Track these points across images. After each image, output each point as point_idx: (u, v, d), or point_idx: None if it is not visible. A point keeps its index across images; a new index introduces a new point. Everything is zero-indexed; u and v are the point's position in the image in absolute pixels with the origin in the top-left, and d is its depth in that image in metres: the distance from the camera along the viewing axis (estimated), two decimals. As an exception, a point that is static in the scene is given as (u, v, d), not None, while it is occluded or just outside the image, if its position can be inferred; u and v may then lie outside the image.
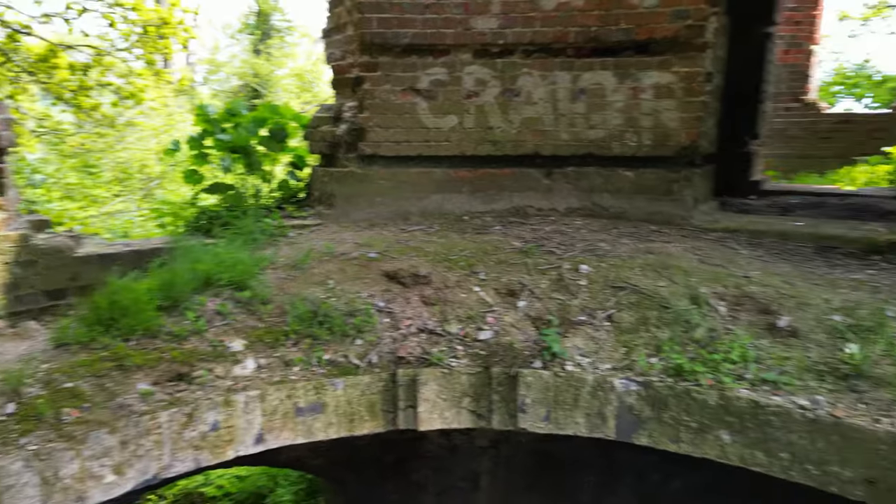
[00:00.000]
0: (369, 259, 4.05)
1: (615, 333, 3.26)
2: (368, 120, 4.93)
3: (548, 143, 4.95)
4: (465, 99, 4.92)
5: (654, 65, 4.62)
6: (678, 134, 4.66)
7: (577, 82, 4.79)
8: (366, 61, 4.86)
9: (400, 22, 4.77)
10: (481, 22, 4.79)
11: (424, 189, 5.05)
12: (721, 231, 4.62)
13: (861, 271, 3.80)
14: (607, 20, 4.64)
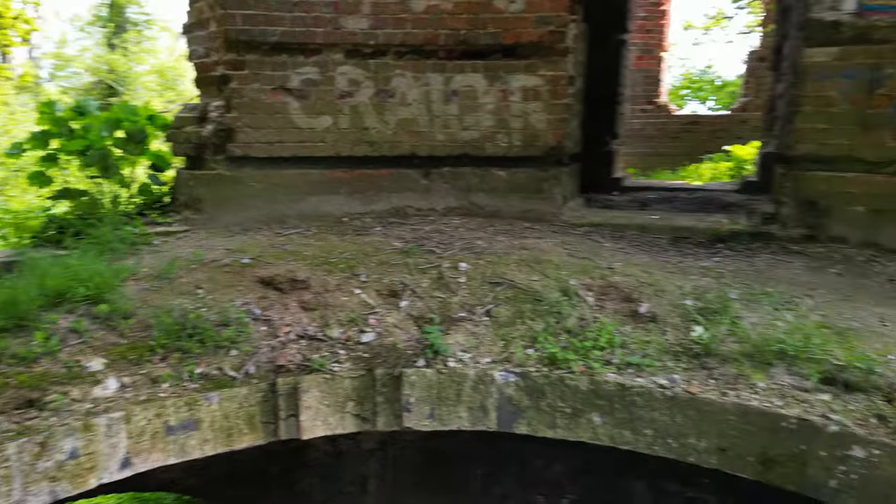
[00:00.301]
0: (243, 265, 3.89)
1: (494, 327, 3.36)
2: (237, 120, 4.73)
3: (424, 144, 5.00)
4: (338, 99, 4.85)
5: (522, 68, 4.80)
6: (546, 135, 4.88)
7: (449, 84, 4.88)
8: (232, 59, 4.66)
9: (267, 19, 4.61)
10: (352, 22, 4.75)
11: (300, 191, 4.93)
12: (587, 226, 4.91)
13: (708, 259, 4.19)
14: (476, 24, 4.77)
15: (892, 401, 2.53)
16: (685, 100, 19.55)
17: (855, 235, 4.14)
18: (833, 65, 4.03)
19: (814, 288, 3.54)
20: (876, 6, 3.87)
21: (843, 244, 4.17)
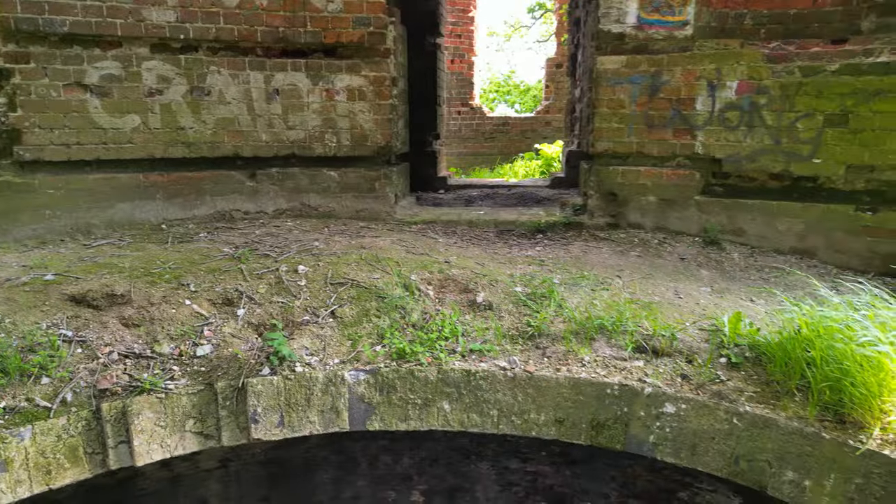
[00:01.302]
0: (46, 282, 3.43)
1: (340, 328, 3.33)
2: (24, 120, 4.14)
3: (248, 145, 4.79)
4: (147, 97, 4.46)
5: (345, 68, 4.80)
6: (374, 134, 4.93)
7: (270, 83, 4.72)
8: (13, 51, 4.07)
9: (53, 7, 4.10)
10: (156, 14, 4.39)
11: (108, 197, 4.45)
12: (421, 223, 5.05)
13: (532, 248, 4.53)
14: (294, 22, 4.67)
15: (692, 361, 2.95)
16: (495, 102, 20.78)
17: (649, 221, 4.74)
18: (622, 71, 4.57)
19: (621, 269, 4.00)
20: (651, 20, 4.47)
21: (641, 229, 4.75)
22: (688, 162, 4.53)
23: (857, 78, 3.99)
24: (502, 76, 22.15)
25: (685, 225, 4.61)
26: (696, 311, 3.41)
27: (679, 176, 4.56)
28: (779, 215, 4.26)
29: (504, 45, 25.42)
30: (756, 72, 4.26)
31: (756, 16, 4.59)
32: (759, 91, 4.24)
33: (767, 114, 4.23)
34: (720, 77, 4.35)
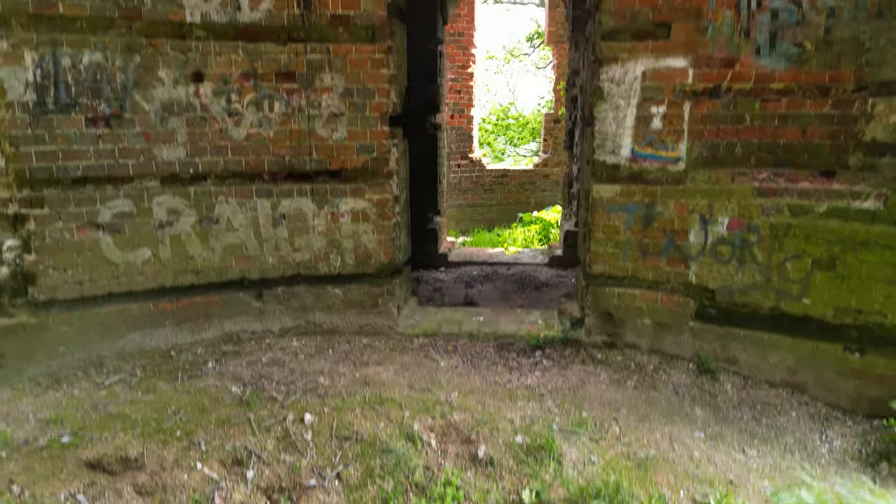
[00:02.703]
0: (63, 446, 3.56)
1: (346, 493, 3.45)
2: (38, 263, 4.28)
3: (255, 268, 4.93)
4: (157, 230, 4.61)
5: (349, 192, 4.94)
6: (377, 253, 5.07)
7: (277, 209, 4.87)
8: (28, 196, 4.21)
9: (67, 154, 4.25)
10: (167, 151, 4.54)
11: (119, 328, 4.59)
12: (423, 336, 5.18)
13: (531, 373, 4.65)
14: (300, 151, 4.82)
15: (684, 540, 3.07)
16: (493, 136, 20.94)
17: (645, 343, 4.87)
18: (617, 200, 4.72)
19: (618, 408, 4.12)
20: (645, 154, 4.61)
21: (637, 350, 4.88)
22: (682, 288, 4.67)
23: (844, 223, 4.13)
24: (501, 108, 22.33)
25: (680, 349, 4.74)
26: (689, 469, 3.54)
27: (673, 302, 4.70)
28: (770, 348, 4.39)
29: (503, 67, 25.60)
30: (746, 210, 4.40)
31: (746, 145, 4.74)
32: (750, 229, 4.38)
33: (758, 251, 4.37)
34: (712, 212, 4.49)
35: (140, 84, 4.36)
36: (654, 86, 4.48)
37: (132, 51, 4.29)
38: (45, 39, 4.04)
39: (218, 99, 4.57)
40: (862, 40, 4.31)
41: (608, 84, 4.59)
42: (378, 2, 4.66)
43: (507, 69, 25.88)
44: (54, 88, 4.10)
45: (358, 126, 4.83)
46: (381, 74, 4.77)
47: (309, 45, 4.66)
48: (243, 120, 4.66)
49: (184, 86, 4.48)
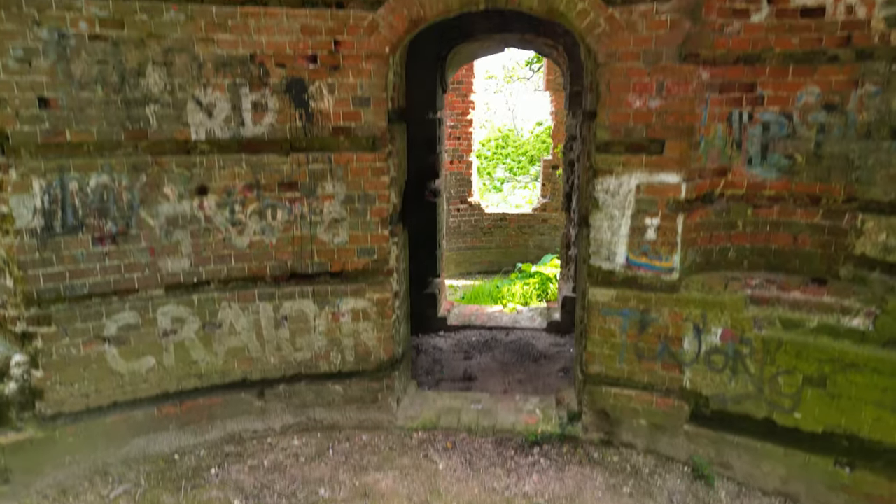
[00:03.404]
0: (70, 580, 3.64)
1: None
2: (46, 379, 4.37)
3: (257, 369, 5.02)
4: (161, 338, 4.70)
5: (350, 292, 5.03)
6: (377, 351, 5.16)
7: (279, 311, 4.96)
8: (35, 315, 4.30)
9: (74, 273, 4.34)
10: (171, 263, 4.64)
11: (124, 435, 4.67)
12: (421, 430, 5.26)
13: (528, 476, 4.73)
14: (302, 255, 4.91)
15: None
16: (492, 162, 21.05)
17: (640, 443, 4.95)
18: (612, 304, 4.81)
19: (613, 523, 4.21)
20: (640, 262, 4.70)
21: (633, 450, 4.96)
22: (677, 392, 4.75)
23: (834, 342, 4.22)
24: (500, 134, 22.44)
25: (675, 451, 4.82)
26: None
27: (668, 405, 4.78)
28: (763, 457, 4.47)
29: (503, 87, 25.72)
30: (739, 323, 4.48)
31: (739, 249, 4.85)
32: (743, 341, 4.47)
33: (751, 363, 4.45)
34: (705, 322, 4.58)
35: (146, 201, 4.46)
36: (648, 199, 4.58)
37: (138, 170, 4.40)
38: (53, 166, 4.14)
39: (222, 210, 4.67)
40: (851, 158, 4.42)
41: (603, 194, 4.69)
42: (379, 113, 4.76)
43: (507, 88, 26.02)
44: (62, 212, 4.20)
45: (359, 230, 4.93)
46: (381, 181, 4.87)
47: (311, 155, 4.76)
48: (246, 229, 4.76)
49: (188, 200, 4.58)
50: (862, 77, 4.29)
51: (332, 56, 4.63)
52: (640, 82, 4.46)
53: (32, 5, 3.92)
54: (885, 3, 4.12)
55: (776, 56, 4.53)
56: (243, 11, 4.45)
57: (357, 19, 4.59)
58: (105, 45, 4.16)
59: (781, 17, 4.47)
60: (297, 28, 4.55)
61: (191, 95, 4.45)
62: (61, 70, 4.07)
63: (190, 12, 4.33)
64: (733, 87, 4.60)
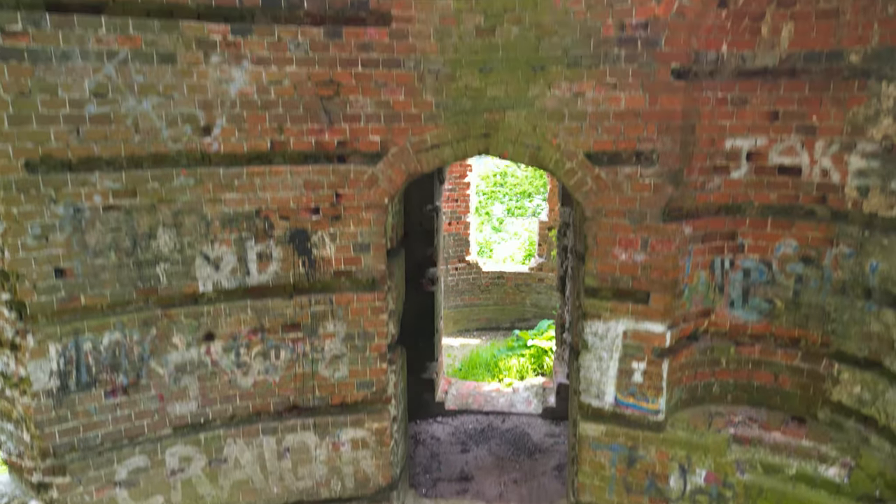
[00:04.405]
0: None
1: None
2: (60, 526, 4.57)
3: (260, 499, 5.22)
4: (170, 476, 4.89)
5: (349, 423, 5.24)
6: (376, 477, 5.36)
7: (282, 443, 5.17)
8: (51, 466, 4.50)
9: (87, 426, 4.54)
10: (179, 407, 4.84)
11: (133, 571, 4.86)
12: (418, 550, 5.46)
13: None
14: (304, 391, 5.13)
15: None
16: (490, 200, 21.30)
17: (629, 572, 5.16)
18: (602, 439, 5.02)
19: None
20: (627, 403, 4.92)
21: (622, 578, 5.17)
22: (664, 526, 4.96)
23: (811, 490, 4.44)
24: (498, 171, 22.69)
25: (663, 582, 5.03)
26: None
27: (657, 538, 4.99)
28: None
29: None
30: (721, 467, 4.70)
31: (723, 384, 5.08)
32: (725, 485, 4.69)
33: (733, 506, 4.67)
34: (690, 463, 4.80)
35: (155, 352, 4.68)
36: (635, 344, 4.80)
37: (148, 324, 4.61)
38: (69, 330, 4.36)
39: (227, 354, 4.89)
40: (828, 310, 4.64)
41: (592, 337, 4.91)
42: (378, 257, 4.98)
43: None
44: (76, 371, 4.42)
45: (358, 365, 5.15)
46: (380, 319, 5.09)
47: (313, 297, 4.98)
48: (251, 370, 4.98)
49: (196, 347, 4.79)
50: (837, 237, 4.52)
51: (334, 207, 4.86)
52: (625, 238, 4.69)
53: (50, 185, 4.15)
54: (857, 172, 4.37)
55: (756, 208, 4.78)
56: (249, 171, 4.68)
57: (357, 173, 4.82)
58: (118, 213, 4.39)
59: (760, 174, 4.73)
60: (300, 184, 4.78)
61: (199, 252, 4.67)
62: (76, 241, 4.29)
63: (199, 176, 4.56)
64: (715, 236, 4.85)
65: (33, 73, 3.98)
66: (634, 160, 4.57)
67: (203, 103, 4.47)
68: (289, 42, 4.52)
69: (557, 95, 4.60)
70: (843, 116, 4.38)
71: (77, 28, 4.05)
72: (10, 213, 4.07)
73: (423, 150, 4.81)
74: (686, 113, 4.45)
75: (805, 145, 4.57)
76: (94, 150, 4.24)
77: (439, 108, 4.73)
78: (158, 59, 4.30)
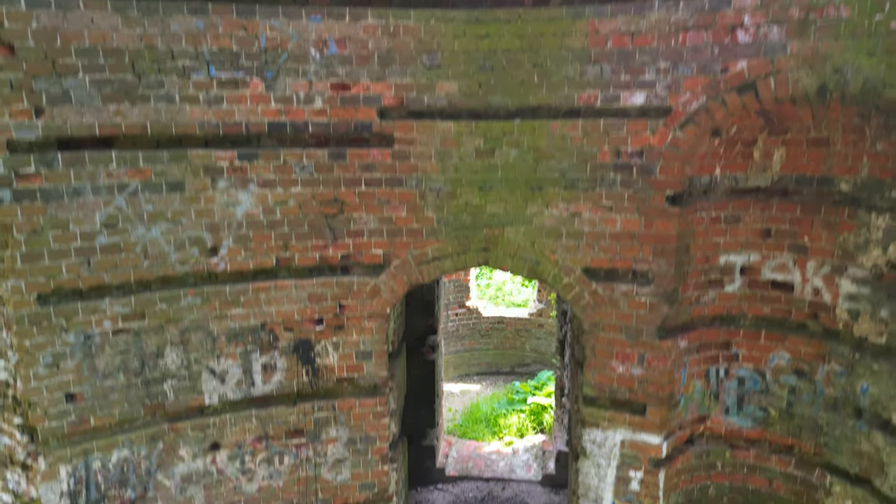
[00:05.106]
0: None
1: None
2: None
3: None
4: (177, 582, 4.99)
5: (352, 526, 5.35)
6: (379, 573, 5.46)
7: (287, 545, 5.26)
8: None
9: (99, 539, 4.64)
10: (189, 515, 4.95)
11: None
12: None
13: None
14: (307, 493, 5.22)
15: None
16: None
17: None
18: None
19: None
20: (627, 509, 5.02)
21: None
22: None
23: None
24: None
25: None
26: None
27: None
28: None
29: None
30: (717, 577, 4.80)
31: (719, 487, 5.17)
32: None
33: None
34: (687, 572, 4.89)
35: (162, 465, 4.77)
36: (632, 454, 4.90)
37: (156, 439, 4.71)
38: (78, 451, 4.45)
39: (233, 462, 4.99)
40: (820, 423, 4.74)
41: (590, 445, 5.01)
42: (380, 364, 5.09)
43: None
44: (86, 490, 4.51)
45: (360, 468, 5.25)
46: (382, 423, 5.19)
47: (316, 404, 5.08)
48: (255, 476, 5.07)
49: (202, 457, 4.89)
50: (829, 354, 4.63)
51: (337, 318, 4.97)
52: (622, 352, 4.80)
53: (61, 316, 4.26)
54: (848, 296, 4.48)
55: (749, 320, 4.90)
56: (255, 287, 4.79)
57: (360, 285, 4.94)
58: (127, 336, 4.49)
59: (753, 288, 4.84)
60: (304, 296, 4.89)
61: (205, 366, 4.78)
62: (86, 366, 4.40)
63: (205, 295, 4.67)
64: (710, 346, 4.96)
65: (45, 212, 4.10)
66: (631, 278, 4.68)
67: (210, 226, 4.59)
68: (294, 164, 4.65)
69: (555, 214, 4.72)
70: (833, 240, 4.50)
71: (88, 165, 4.17)
72: (23, 346, 4.18)
73: (424, 262, 4.92)
74: (681, 236, 4.56)
75: (797, 263, 4.68)
76: (104, 279, 4.35)
77: (440, 223, 4.84)
78: (167, 187, 4.42)
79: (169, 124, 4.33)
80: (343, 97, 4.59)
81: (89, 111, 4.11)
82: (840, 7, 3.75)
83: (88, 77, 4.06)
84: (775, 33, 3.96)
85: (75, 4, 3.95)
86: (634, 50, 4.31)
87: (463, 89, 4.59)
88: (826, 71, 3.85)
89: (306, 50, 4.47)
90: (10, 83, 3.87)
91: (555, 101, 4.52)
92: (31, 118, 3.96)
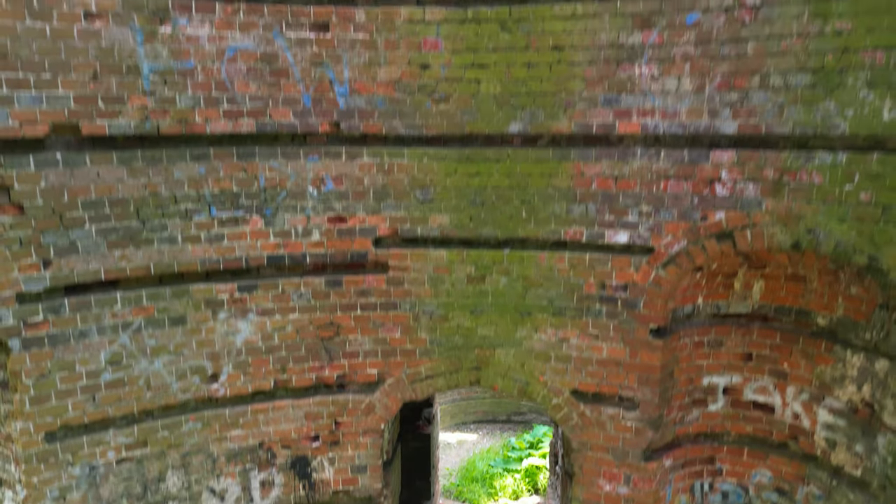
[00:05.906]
0: None
1: None
2: None
3: None
4: None
5: None
6: None
7: None
8: None
9: None
10: None
11: None
12: None
13: None
14: None
15: None
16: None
17: None
18: None
19: None
20: None
21: None
22: None
23: None
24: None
25: None
26: None
27: None
28: None
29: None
30: None
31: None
32: None
33: None
34: None
35: (164, 582, 4.92)
36: (620, 568, 5.05)
37: (157, 558, 4.86)
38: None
39: (232, 573, 5.13)
40: None
41: (579, 557, 5.16)
42: (375, 477, 5.25)
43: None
44: None
45: (357, 576, 5.39)
46: (377, 532, 5.35)
47: (312, 516, 5.24)
48: (254, 586, 5.22)
49: (202, 571, 5.04)
50: (808, 477, 4.79)
51: (333, 434, 5.13)
52: (609, 471, 4.96)
53: (67, 451, 4.41)
54: (825, 425, 4.64)
55: (732, 437, 5.06)
56: (254, 409, 4.95)
57: (356, 402, 5.10)
58: (130, 464, 4.65)
59: (736, 408, 5.01)
60: (301, 415, 5.05)
61: (206, 486, 4.94)
62: (91, 496, 4.55)
63: (206, 419, 4.83)
64: (695, 462, 5.12)
65: (53, 356, 4.26)
66: (617, 402, 4.85)
67: (211, 355, 4.75)
68: (292, 293, 4.82)
69: (544, 339, 4.89)
70: (812, 369, 4.66)
71: (94, 308, 4.34)
72: (31, 483, 4.33)
73: (417, 380, 5.09)
74: (665, 366, 4.73)
75: (777, 387, 4.85)
76: (108, 412, 4.51)
77: (433, 344, 5.02)
78: (170, 322, 4.59)
79: (171, 263, 4.51)
80: (340, 229, 4.78)
81: (95, 258, 4.28)
82: (812, 173, 3.93)
83: (95, 227, 4.24)
84: (751, 190, 4.14)
85: (82, 161, 4.13)
86: (618, 193, 4.50)
87: (455, 221, 4.77)
88: (800, 230, 4.04)
89: (304, 188, 4.66)
90: (20, 240, 4.04)
91: (542, 234, 4.71)
92: (40, 270, 4.13)
